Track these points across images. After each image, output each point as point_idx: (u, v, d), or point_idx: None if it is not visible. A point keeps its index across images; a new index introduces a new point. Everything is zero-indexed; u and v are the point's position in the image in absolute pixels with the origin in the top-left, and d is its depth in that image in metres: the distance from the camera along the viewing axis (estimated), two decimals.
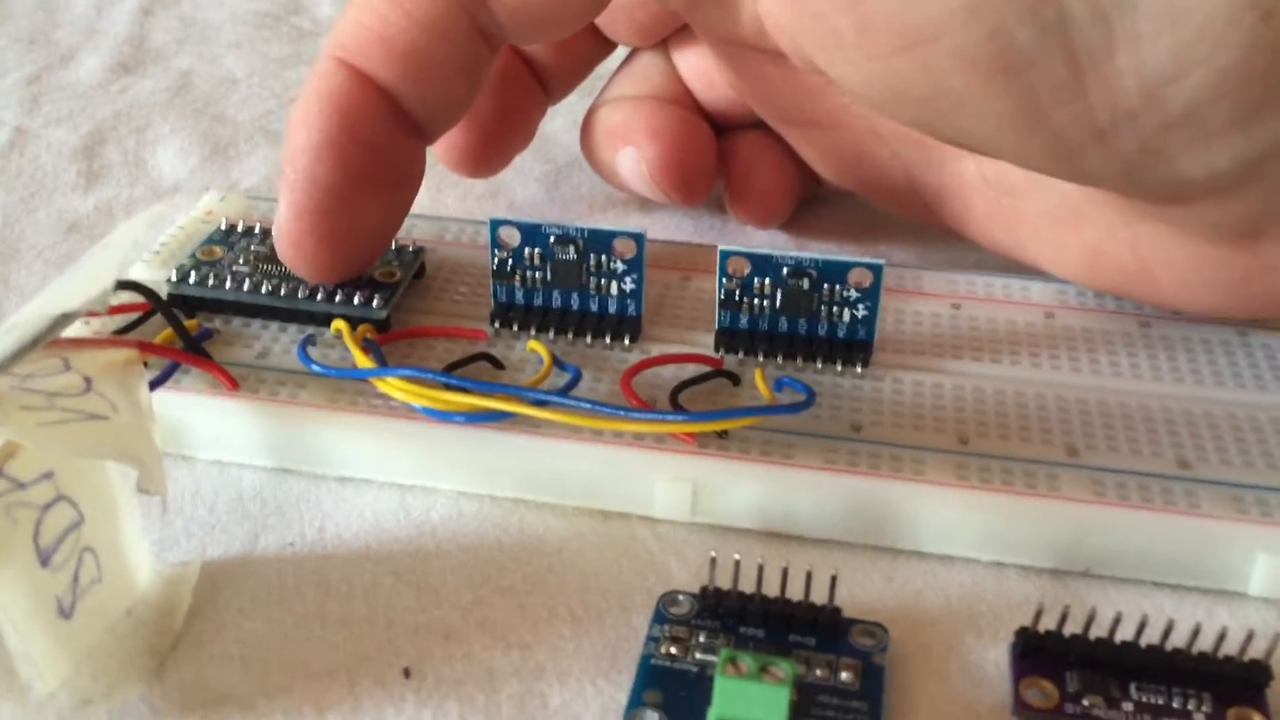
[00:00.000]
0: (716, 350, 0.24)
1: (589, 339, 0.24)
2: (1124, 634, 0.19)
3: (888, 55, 0.19)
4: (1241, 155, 0.19)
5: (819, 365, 0.24)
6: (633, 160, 0.28)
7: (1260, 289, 0.23)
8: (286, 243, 0.23)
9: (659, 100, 0.29)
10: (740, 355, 0.24)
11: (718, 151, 0.29)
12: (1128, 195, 0.22)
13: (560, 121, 0.35)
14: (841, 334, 0.24)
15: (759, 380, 0.23)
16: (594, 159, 0.30)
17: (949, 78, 0.19)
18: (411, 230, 0.28)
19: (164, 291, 0.25)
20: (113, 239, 0.19)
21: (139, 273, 0.26)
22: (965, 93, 0.19)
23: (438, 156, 0.29)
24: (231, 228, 0.26)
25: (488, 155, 0.29)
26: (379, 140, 0.22)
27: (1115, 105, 0.19)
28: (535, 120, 0.30)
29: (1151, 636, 0.19)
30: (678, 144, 0.28)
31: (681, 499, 0.22)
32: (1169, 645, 0.19)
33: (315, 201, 0.22)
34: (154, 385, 0.22)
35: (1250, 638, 0.19)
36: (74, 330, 0.24)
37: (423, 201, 0.32)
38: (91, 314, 0.22)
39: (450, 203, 0.32)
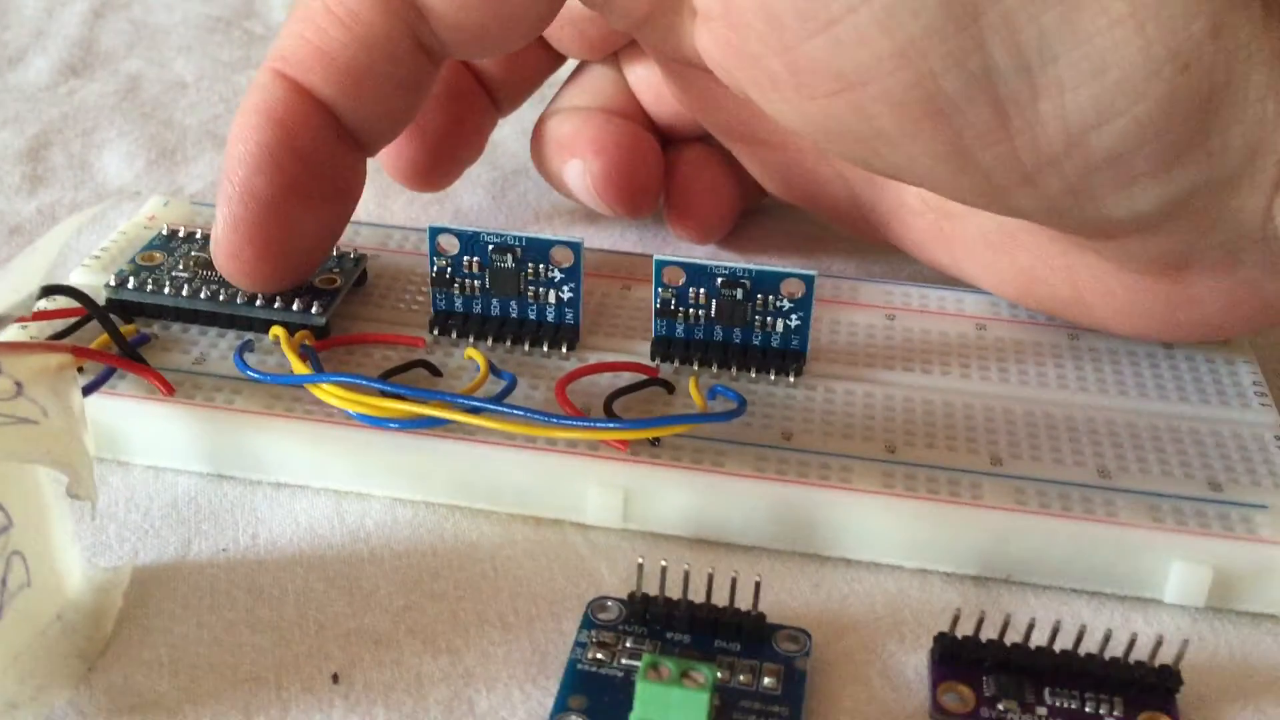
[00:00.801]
0: (653, 359, 0.24)
1: (527, 347, 0.25)
2: (1040, 640, 0.19)
3: (822, 97, 0.20)
4: (1163, 197, 0.20)
5: (753, 374, 0.24)
6: (578, 173, 0.29)
7: (1187, 317, 0.23)
8: (223, 254, 0.23)
9: (607, 113, 0.29)
10: (676, 364, 0.24)
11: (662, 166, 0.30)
12: (1058, 230, 0.22)
13: (508, 129, 0.36)
14: (775, 343, 0.24)
15: (693, 389, 0.23)
16: (542, 169, 0.30)
17: (880, 120, 0.20)
18: (354, 238, 0.28)
19: (103, 296, 0.25)
20: (41, 243, 0.19)
21: (79, 277, 0.26)
22: (896, 134, 0.20)
23: (386, 170, 0.29)
24: (173, 233, 0.26)
25: (436, 169, 0.29)
26: (318, 153, 0.23)
27: (1040, 150, 0.19)
28: (485, 133, 0.30)
29: (1066, 642, 0.19)
30: (623, 159, 0.28)
31: (613, 506, 0.22)
32: (1083, 651, 0.19)
33: (252, 213, 0.22)
34: (89, 390, 0.22)
35: (1160, 643, 0.19)
36: (7, 335, 0.24)
37: (368, 209, 0.32)
38: (21, 319, 0.22)
39: (396, 210, 0.32)
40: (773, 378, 0.24)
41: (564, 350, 0.24)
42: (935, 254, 0.27)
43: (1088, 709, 0.19)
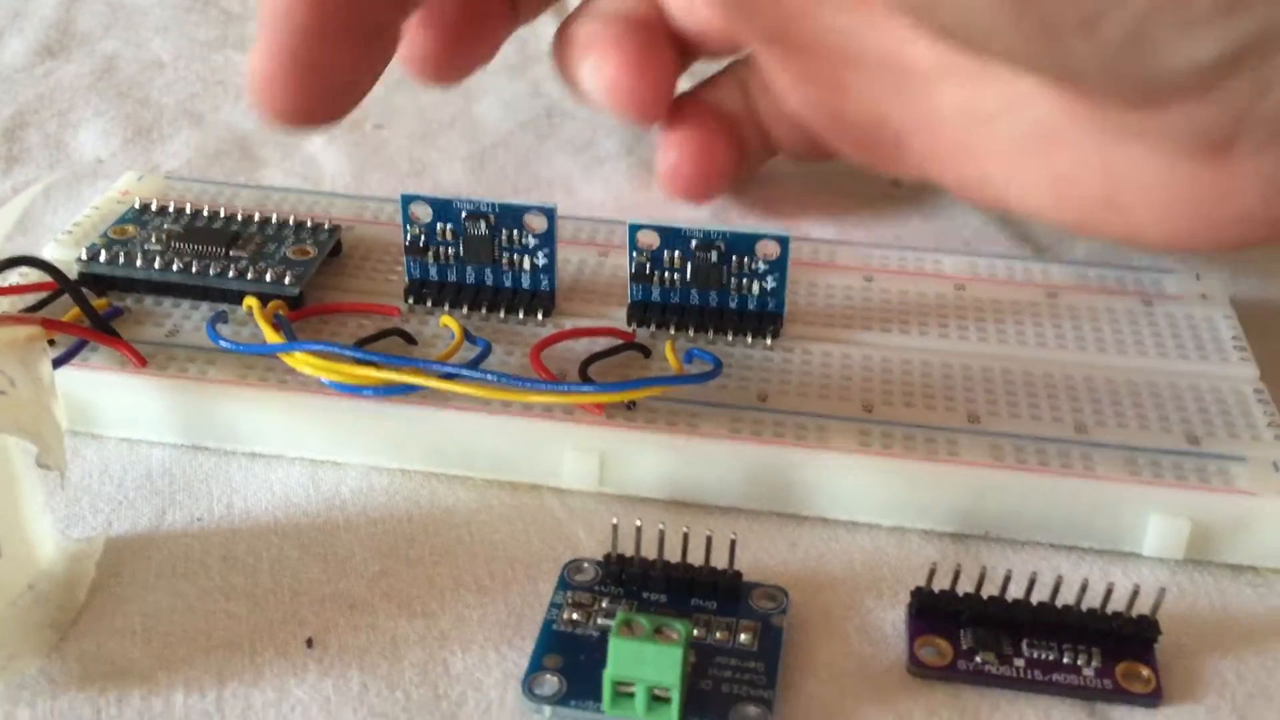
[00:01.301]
0: (629, 324, 0.24)
1: (502, 314, 0.24)
2: (1016, 592, 0.19)
3: None
4: (1224, 45, 0.19)
5: (729, 337, 0.24)
6: (590, 73, 0.29)
7: (1230, 210, 0.23)
8: (258, 81, 0.23)
9: (629, 19, 0.29)
10: (652, 329, 0.24)
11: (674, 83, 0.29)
12: (1106, 95, 0.22)
13: (486, 103, 0.35)
14: (751, 306, 0.24)
15: (669, 352, 0.23)
16: (561, 73, 0.30)
17: None
18: (330, 209, 0.28)
19: (75, 271, 0.24)
20: None
21: (51, 253, 0.26)
22: None
23: (401, 62, 0.28)
24: (145, 207, 0.26)
25: (449, 63, 0.29)
26: None
27: None
28: (501, 36, 0.30)
29: (1043, 594, 0.19)
30: (635, 61, 0.28)
31: (589, 469, 0.22)
32: (1060, 602, 0.19)
33: (292, 40, 0.22)
34: (60, 363, 0.22)
35: (1137, 593, 0.19)
36: None
37: (345, 181, 0.32)
38: None
39: (374, 183, 0.32)
40: (749, 340, 0.24)
41: (540, 317, 0.24)
42: (963, 168, 0.26)
43: (1065, 660, 0.19)
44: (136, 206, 0.26)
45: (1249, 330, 0.25)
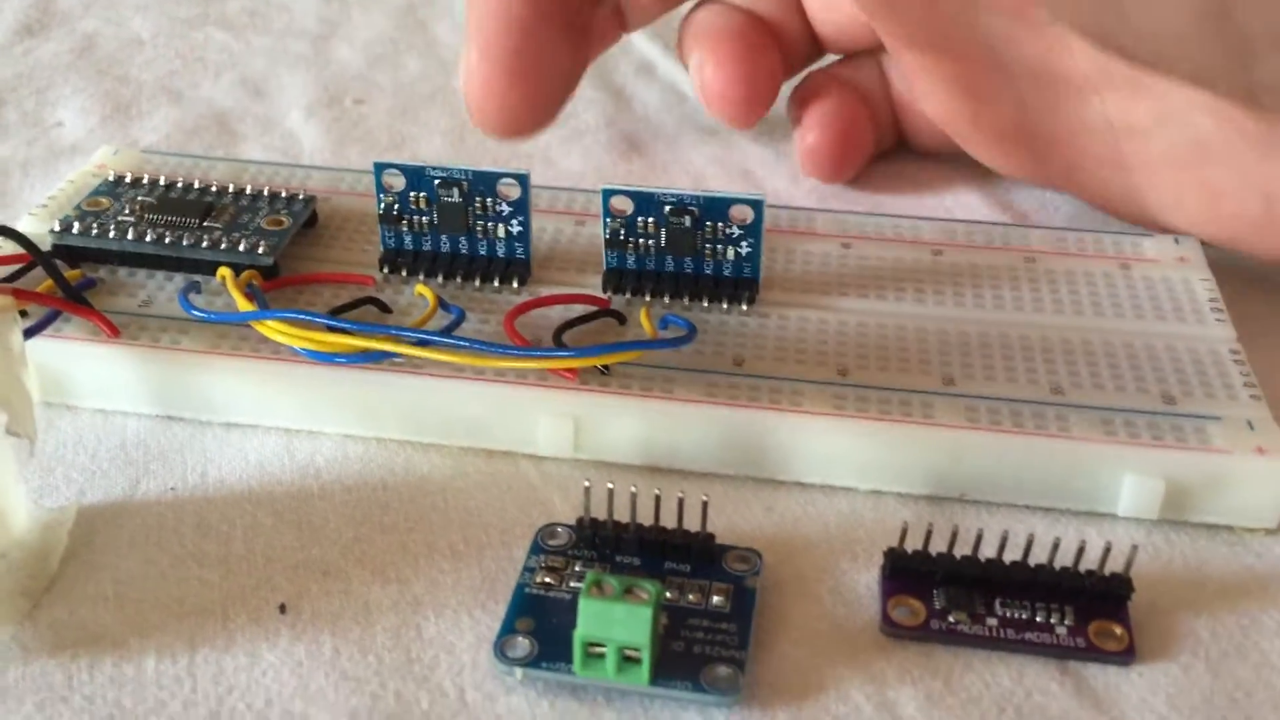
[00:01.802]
0: (604, 291, 0.24)
1: (478, 283, 0.24)
2: (989, 552, 0.19)
3: None
4: None
5: (705, 304, 0.24)
6: (695, 69, 0.29)
7: None
8: (476, 86, 0.22)
9: (753, 16, 0.29)
10: (628, 296, 0.24)
11: (795, 93, 0.30)
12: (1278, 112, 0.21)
13: None
14: (727, 272, 0.24)
15: (644, 319, 0.23)
16: (680, 55, 0.30)
17: None
18: (306, 180, 0.27)
19: (49, 243, 0.24)
20: None
21: (26, 226, 0.25)
22: None
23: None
24: (120, 179, 0.26)
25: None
26: None
27: None
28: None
29: (1016, 554, 0.19)
30: (739, 64, 0.28)
31: (564, 435, 0.22)
32: (1033, 561, 0.19)
33: (508, 39, 0.22)
34: (31, 333, 0.22)
35: (1108, 551, 0.19)
36: None
37: (323, 156, 0.32)
38: None
39: (353, 157, 0.32)
40: (725, 307, 0.24)
41: (515, 285, 0.24)
42: (1109, 181, 0.26)
43: (1038, 619, 0.19)
44: (110, 179, 0.26)
45: (1227, 293, 0.25)
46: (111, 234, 0.24)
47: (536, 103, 0.23)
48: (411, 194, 0.24)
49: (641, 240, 0.24)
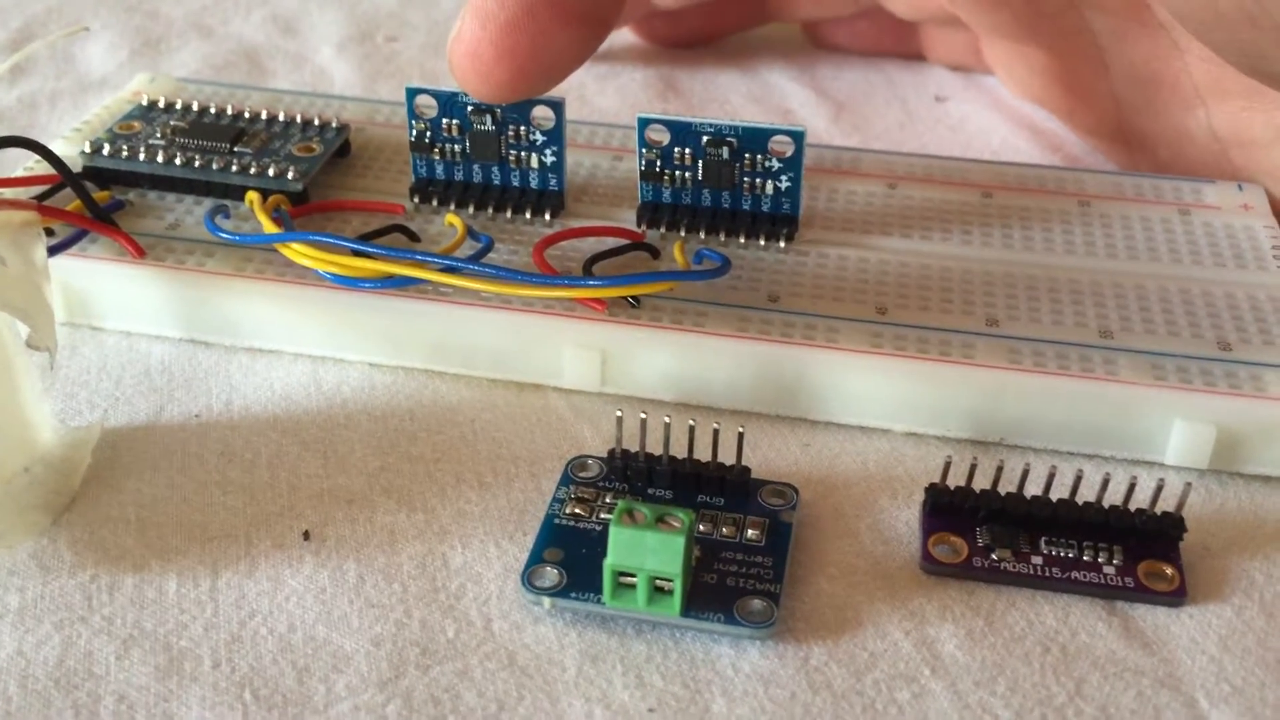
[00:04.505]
0: (639, 225, 0.23)
1: (509, 214, 0.24)
2: (1035, 490, 0.19)
3: None
4: None
5: (742, 240, 0.23)
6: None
7: None
8: (462, 51, 0.21)
9: None
10: (663, 230, 0.23)
11: None
12: None
13: None
14: (765, 207, 0.23)
15: (677, 252, 0.22)
16: None
17: None
18: (341, 111, 0.27)
19: (80, 164, 0.24)
20: None
21: (58, 149, 0.25)
22: None
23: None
24: (153, 104, 0.26)
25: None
26: None
27: None
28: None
29: (1063, 492, 0.19)
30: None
31: (591, 367, 0.21)
32: (1080, 499, 0.18)
33: (508, 14, 0.21)
34: (56, 250, 0.21)
35: (1160, 489, 0.18)
36: None
37: (356, 92, 0.31)
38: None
39: (384, 93, 0.31)
40: (763, 243, 0.23)
41: (547, 217, 0.24)
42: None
43: (1085, 558, 0.18)
44: (144, 103, 0.26)
45: None
46: (141, 156, 0.24)
47: (521, 83, 0.22)
48: (444, 121, 0.23)
49: (678, 172, 0.23)
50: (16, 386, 0.19)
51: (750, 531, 0.19)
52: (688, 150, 0.23)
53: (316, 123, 0.25)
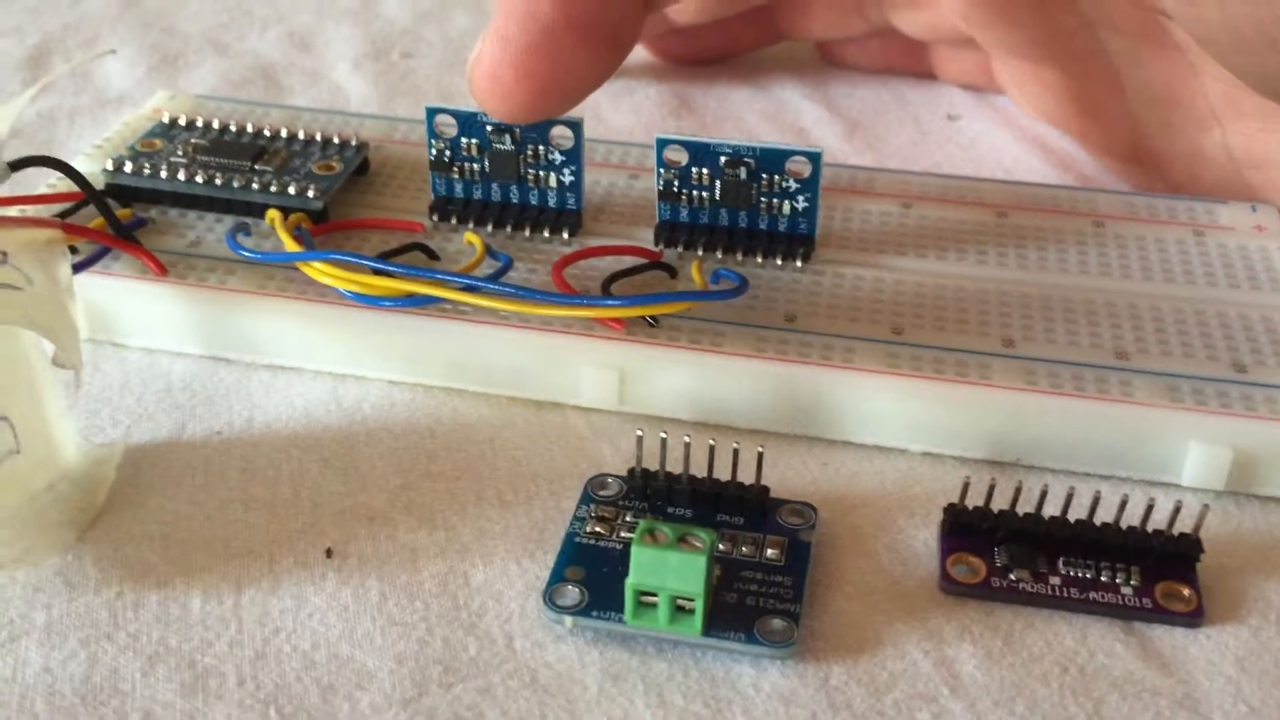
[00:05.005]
0: (656, 244, 0.24)
1: (528, 233, 0.24)
2: (1053, 511, 0.19)
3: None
4: None
5: (759, 259, 0.23)
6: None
7: None
8: (482, 72, 0.22)
9: None
10: (680, 250, 0.24)
11: None
12: None
13: None
14: (782, 227, 0.23)
15: (695, 272, 0.22)
16: None
17: None
18: (359, 128, 0.27)
19: (101, 182, 0.24)
20: None
21: (80, 166, 0.25)
22: None
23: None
24: (174, 121, 0.26)
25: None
26: None
27: None
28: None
29: (1081, 513, 0.19)
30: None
31: (609, 386, 0.22)
32: (1098, 520, 0.19)
33: (528, 36, 0.21)
34: (80, 268, 0.22)
35: (1178, 510, 0.18)
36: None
37: (372, 109, 0.32)
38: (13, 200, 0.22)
39: (401, 111, 0.31)
40: (780, 263, 0.23)
41: (565, 236, 0.24)
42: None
43: (1103, 578, 0.18)
44: (165, 121, 0.26)
45: None
46: (163, 174, 0.24)
47: (541, 104, 0.22)
48: (463, 140, 0.24)
49: (695, 192, 0.23)
50: (42, 404, 0.19)
51: (770, 551, 0.19)
52: (705, 170, 0.23)
53: (336, 141, 0.25)
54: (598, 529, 0.19)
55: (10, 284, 0.18)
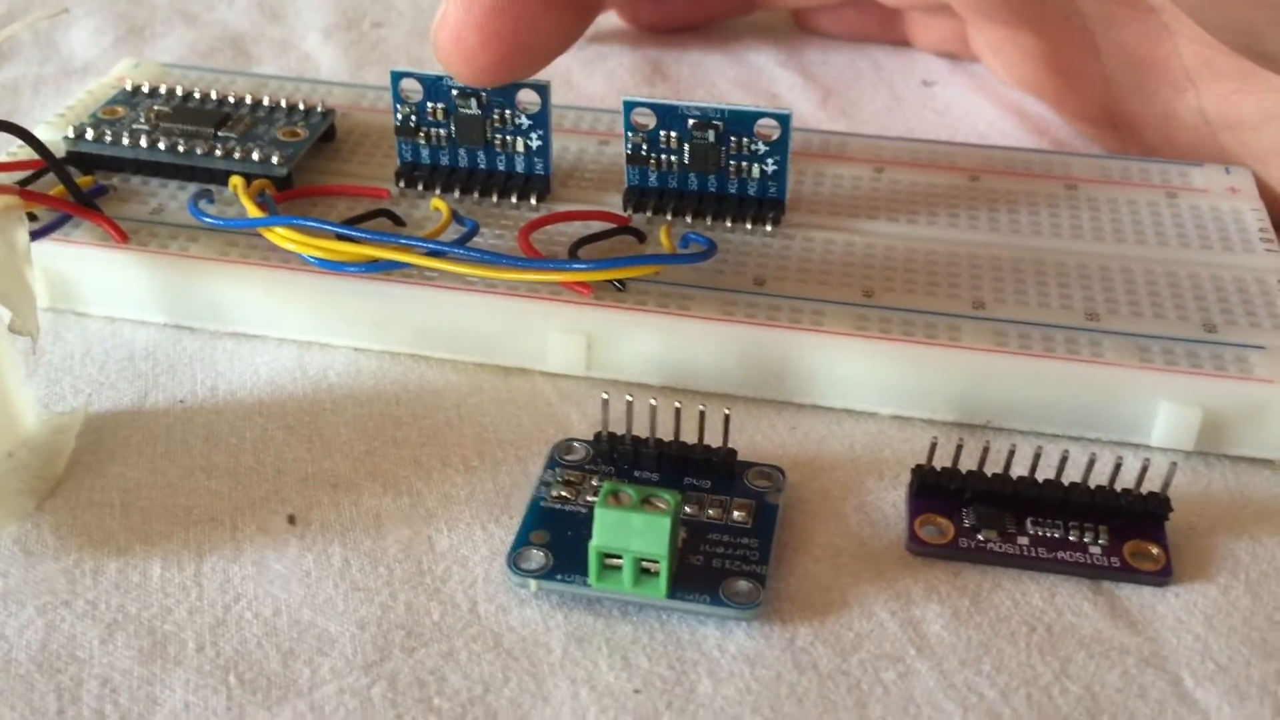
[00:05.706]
0: (625, 209, 0.23)
1: (495, 198, 0.24)
2: (1021, 471, 0.19)
3: None
4: None
5: (729, 224, 0.23)
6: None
7: None
8: (447, 34, 0.21)
9: None
10: (649, 214, 0.23)
11: None
12: None
13: None
14: (752, 191, 0.23)
15: (663, 236, 0.22)
16: None
17: None
18: (327, 96, 0.27)
19: (63, 149, 0.24)
20: None
21: (42, 134, 0.25)
22: None
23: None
24: (137, 89, 0.25)
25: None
26: None
27: None
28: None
29: (1049, 473, 0.19)
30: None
31: (576, 352, 0.21)
32: (1066, 480, 0.18)
33: (496, 4, 0.21)
34: (38, 235, 0.21)
35: (1146, 469, 0.18)
36: None
37: (342, 78, 0.31)
38: None
39: (370, 79, 0.31)
40: (749, 227, 0.23)
41: (533, 202, 0.24)
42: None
43: (1071, 538, 0.18)
44: (128, 88, 0.25)
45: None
46: (125, 141, 0.23)
47: (506, 66, 0.22)
48: (429, 105, 0.23)
49: (664, 156, 0.23)
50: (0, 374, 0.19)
51: (736, 513, 0.19)
52: (674, 134, 0.23)
53: (301, 107, 0.25)
54: (563, 493, 0.19)
55: None
